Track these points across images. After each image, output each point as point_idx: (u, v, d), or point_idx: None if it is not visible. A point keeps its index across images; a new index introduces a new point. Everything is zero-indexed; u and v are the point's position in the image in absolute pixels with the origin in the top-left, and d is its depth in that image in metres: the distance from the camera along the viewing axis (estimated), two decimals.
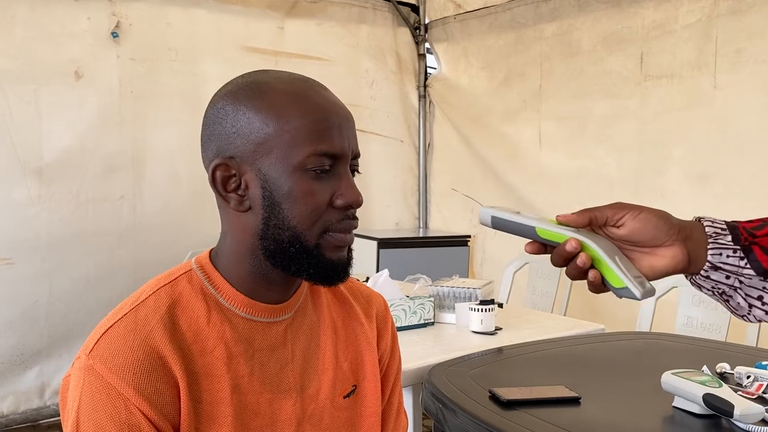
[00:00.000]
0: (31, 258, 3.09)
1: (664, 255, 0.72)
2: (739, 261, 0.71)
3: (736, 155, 2.77)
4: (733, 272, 0.71)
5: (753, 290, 0.72)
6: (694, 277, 0.74)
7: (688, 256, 0.72)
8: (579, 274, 0.71)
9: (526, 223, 0.72)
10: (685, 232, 0.72)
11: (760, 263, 0.70)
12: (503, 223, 0.73)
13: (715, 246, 0.71)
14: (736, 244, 0.71)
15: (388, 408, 1.01)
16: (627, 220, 0.72)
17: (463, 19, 4.04)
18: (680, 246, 0.72)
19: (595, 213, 0.72)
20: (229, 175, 0.80)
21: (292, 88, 0.80)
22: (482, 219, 0.75)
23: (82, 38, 3.16)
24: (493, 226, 0.74)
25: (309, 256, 0.80)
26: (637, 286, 0.69)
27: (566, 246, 0.70)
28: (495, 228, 0.74)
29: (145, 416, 0.74)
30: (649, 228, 0.71)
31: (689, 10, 2.91)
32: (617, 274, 0.69)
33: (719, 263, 0.71)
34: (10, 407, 3.14)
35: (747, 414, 1.17)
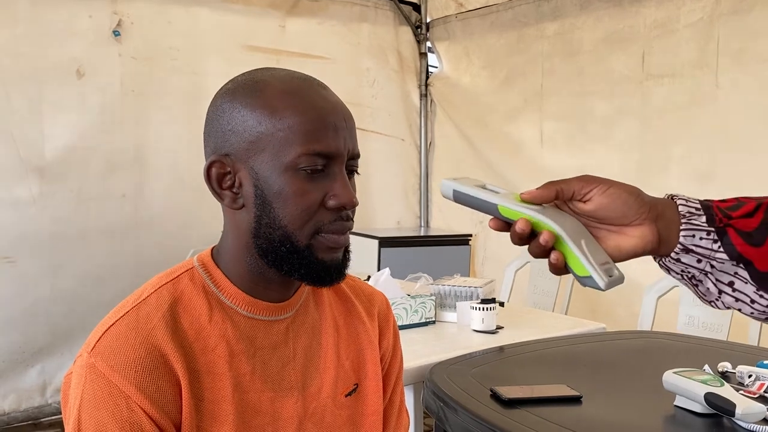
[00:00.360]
0: (33, 256, 3.09)
1: (633, 234, 0.66)
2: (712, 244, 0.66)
3: (738, 154, 2.77)
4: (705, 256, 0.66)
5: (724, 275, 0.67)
6: (664, 260, 0.68)
7: (658, 237, 0.66)
8: (541, 253, 0.65)
9: (489, 199, 0.67)
10: (656, 211, 0.67)
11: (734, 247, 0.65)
12: (465, 197, 0.68)
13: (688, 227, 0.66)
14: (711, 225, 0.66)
15: (390, 406, 1.01)
16: (594, 195, 0.66)
17: (465, 18, 4.04)
18: (650, 225, 0.66)
19: (561, 186, 0.67)
20: (224, 172, 0.80)
21: (289, 86, 0.80)
22: (444, 192, 0.69)
23: (84, 36, 3.16)
24: (455, 200, 0.68)
25: (300, 256, 0.79)
26: (602, 276, 0.63)
27: (516, 227, 0.65)
28: (457, 202, 0.68)
29: (147, 414, 0.74)
30: (617, 204, 0.66)
31: (691, 9, 2.90)
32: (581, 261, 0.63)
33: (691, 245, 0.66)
34: (12, 405, 3.15)
35: (749, 413, 1.17)
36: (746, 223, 0.66)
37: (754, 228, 0.65)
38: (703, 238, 0.66)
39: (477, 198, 0.67)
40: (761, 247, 0.65)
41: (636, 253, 0.67)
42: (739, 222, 0.66)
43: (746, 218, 0.66)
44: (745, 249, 0.65)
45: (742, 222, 0.66)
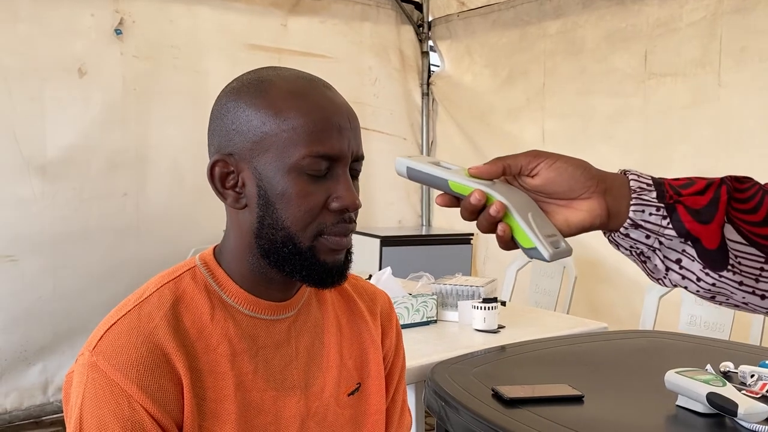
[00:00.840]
0: (35, 255, 3.09)
1: (581, 208, 0.66)
2: (661, 220, 0.65)
3: (740, 153, 2.76)
4: (654, 231, 0.66)
5: (672, 252, 0.67)
6: (613, 235, 0.68)
7: (607, 211, 0.66)
8: (489, 225, 0.65)
9: (439, 175, 0.68)
10: (605, 184, 0.66)
11: (682, 224, 0.65)
12: (418, 174, 0.69)
13: (638, 202, 0.66)
14: (661, 201, 0.66)
15: (392, 406, 1.01)
16: (541, 169, 0.66)
17: (467, 17, 4.03)
18: (599, 199, 0.66)
19: (508, 161, 0.67)
20: (228, 171, 0.80)
21: (294, 86, 0.79)
22: (398, 169, 0.70)
23: (86, 35, 3.16)
24: (409, 177, 0.69)
25: (302, 257, 0.79)
26: (547, 247, 0.63)
27: (470, 198, 0.65)
28: (411, 179, 0.69)
29: (148, 413, 0.74)
30: (564, 177, 0.66)
31: (694, 8, 2.90)
32: (526, 233, 0.64)
33: (641, 221, 0.66)
34: (14, 403, 3.15)
35: (751, 413, 1.17)
36: (696, 200, 0.66)
37: (703, 206, 0.65)
38: (653, 214, 0.66)
39: (428, 174, 0.69)
40: (709, 224, 0.65)
41: (584, 227, 0.67)
42: (689, 199, 0.66)
43: (696, 196, 0.66)
44: (693, 226, 0.65)
45: (692, 199, 0.66)
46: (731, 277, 0.67)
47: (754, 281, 0.67)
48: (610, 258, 3.15)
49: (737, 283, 0.67)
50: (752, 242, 0.66)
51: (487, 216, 0.65)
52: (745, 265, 0.66)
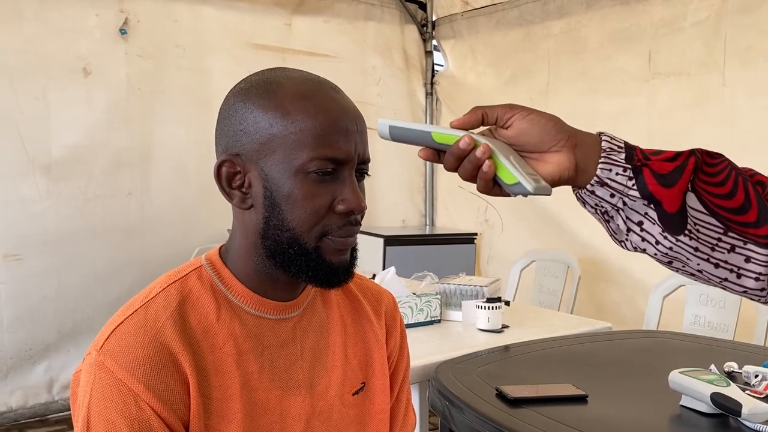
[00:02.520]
0: (40, 254, 3.10)
1: (551, 161, 0.69)
2: (627, 181, 0.68)
3: (745, 153, 2.73)
4: (619, 191, 0.69)
5: (635, 214, 0.70)
6: (580, 192, 0.71)
7: (575, 165, 0.69)
8: (473, 169, 0.68)
9: (422, 129, 0.71)
10: (575, 139, 0.70)
11: (646, 185, 0.68)
12: (400, 132, 0.71)
13: (606, 161, 0.69)
14: (628, 162, 0.69)
15: (397, 405, 1.01)
16: (515, 120, 0.69)
17: (471, 16, 4.03)
18: (568, 153, 0.69)
19: (486, 110, 0.70)
20: (234, 171, 0.80)
21: (302, 88, 0.79)
22: (380, 131, 0.73)
23: (91, 35, 3.17)
24: (391, 138, 0.72)
25: (308, 258, 0.80)
26: (529, 181, 0.66)
27: (460, 143, 0.68)
28: (394, 139, 0.72)
29: (155, 412, 0.74)
30: (536, 129, 0.69)
31: (698, 7, 2.89)
32: (509, 169, 0.67)
33: (606, 179, 0.69)
34: (19, 402, 3.16)
35: (755, 413, 1.17)
36: (663, 165, 0.69)
37: (668, 171, 0.69)
38: (619, 174, 0.69)
39: (412, 129, 0.71)
40: (671, 188, 0.68)
41: (553, 180, 0.70)
42: (656, 164, 0.69)
43: (664, 162, 0.69)
44: (656, 189, 0.68)
45: (659, 164, 0.69)
46: (687, 242, 0.70)
47: (709, 249, 0.71)
48: (614, 258, 3.15)
49: (693, 248, 0.70)
50: (713, 213, 0.70)
51: (472, 159, 0.68)
52: (702, 233, 0.70)
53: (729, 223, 0.69)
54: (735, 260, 0.70)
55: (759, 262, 0.70)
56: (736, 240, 0.70)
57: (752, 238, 0.69)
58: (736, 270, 0.71)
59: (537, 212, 3.59)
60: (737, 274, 0.71)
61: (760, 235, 0.69)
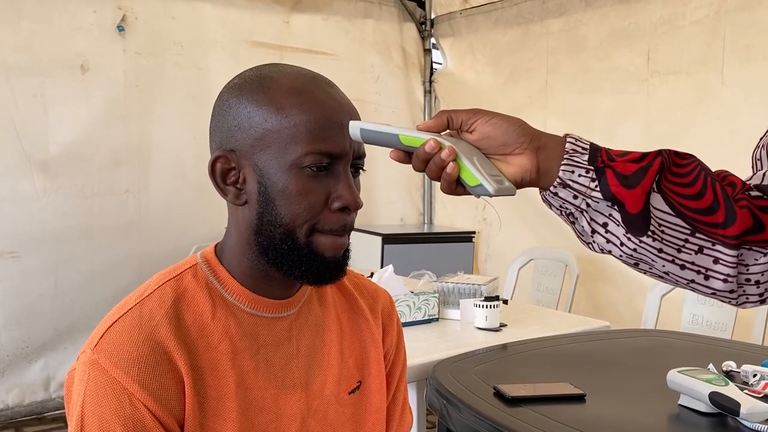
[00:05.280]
0: (37, 251, 3.10)
1: (513, 163, 0.70)
2: (590, 182, 0.68)
3: (744, 152, 2.73)
4: (582, 192, 0.69)
5: (599, 215, 0.70)
6: (544, 193, 0.72)
7: (537, 167, 0.70)
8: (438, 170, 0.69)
9: (390, 131, 0.72)
10: (538, 142, 0.71)
11: (608, 187, 0.68)
12: (371, 134, 0.73)
13: (568, 162, 0.69)
14: (591, 164, 0.69)
15: (393, 404, 1.01)
16: (479, 125, 0.71)
17: (469, 15, 4.03)
18: (530, 155, 0.70)
19: (451, 114, 0.72)
20: (229, 167, 0.80)
21: (296, 83, 0.79)
22: (352, 133, 0.74)
23: (88, 32, 3.16)
24: (363, 140, 0.74)
25: (300, 254, 0.79)
26: (492, 183, 0.68)
27: (425, 146, 0.69)
28: (365, 141, 0.74)
29: (150, 411, 0.74)
30: (498, 133, 0.70)
31: (697, 6, 2.89)
32: (472, 171, 0.68)
33: (569, 180, 0.69)
34: (16, 400, 3.16)
35: (753, 413, 1.17)
36: (626, 167, 0.69)
37: (631, 172, 0.68)
38: (582, 176, 0.69)
39: (380, 132, 0.73)
40: (634, 189, 0.68)
41: (516, 181, 0.71)
42: (619, 165, 0.69)
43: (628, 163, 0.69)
44: (618, 190, 0.68)
45: (622, 165, 0.69)
46: (651, 243, 0.70)
47: (675, 251, 0.70)
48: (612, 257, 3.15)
49: (656, 249, 0.70)
50: (679, 213, 0.69)
51: (437, 161, 0.69)
52: (668, 234, 0.69)
53: (696, 223, 0.69)
54: (703, 261, 0.70)
55: (727, 263, 0.69)
56: (704, 241, 0.69)
57: (720, 239, 0.69)
58: (704, 271, 0.70)
59: (535, 211, 3.59)
60: (705, 276, 0.70)
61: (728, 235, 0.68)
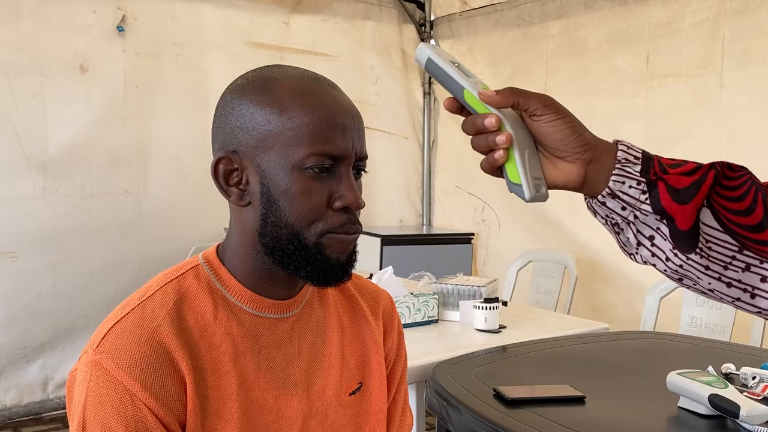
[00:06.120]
0: (36, 251, 3.09)
1: (559, 168, 0.69)
2: (640, 194, 0.66)
3: (742, 154, 2.76)
4: (631, 204, 0.67)
5: (646, 228, 0.67)
6: (591, 201, 0.70)
7: (583, 179, 0.68)
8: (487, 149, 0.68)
9: (457, 80, 0.68)
10: (592, 154, 0.68)
11: (659, 201, 0.65)
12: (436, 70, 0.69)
13: (619, 173, 0.66)
14: (643, 176, 0.66)
15: (394, 406, 1.01)
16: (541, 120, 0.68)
17: (469, 16, 4.03)
18: (580, 166, 0.68)
19: (520, 99, 0.68)
20: (232, 169, 0.80)
21: (300, 85, 0.79)
22: (417, 56, 0.70)
23: (88, 32, 3.16)
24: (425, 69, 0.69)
25: (307, 254, 0.79)
26: (530, 189, 0.66)
27: (484, 120, 0.67)
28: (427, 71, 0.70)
29: (152, 412, 0.74)
30: (556, 137, 0.68)
31: (696, 8, 2.89)
32: (518, 169, 0.66)
33: (619, 192, 0.67)
34: (14, 400, 3.15)
35: (753, 415, 1.17)
36: (679, 180, 0.66)
37: (684, 186, 0.66)
38: (633, 187, 0.67)
39: (448, 75, 0.69)
40: (686, 205, 0.66)
41: (556, 185, 0.69)
42: (672, 178, 0.66)
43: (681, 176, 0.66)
44: (669, 204, 0.66)
45: (675, 178, 0.66)
46: (698, 261, 0.67)
47: (722, 268, 0.67)
48: (611, 259, 3.15)
49: (703, 267, 0.68)
50: (728, 230, 0.66)
51: (490, 140, 0.67)
52: (715, 251, 0.67)
53: (745, 240, 0.66)
54: (750, 280, 0.67)
55: None
56: (751, 259, 0.66)
57: None
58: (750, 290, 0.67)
59: (534, 213, 3.59)
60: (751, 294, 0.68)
61: None
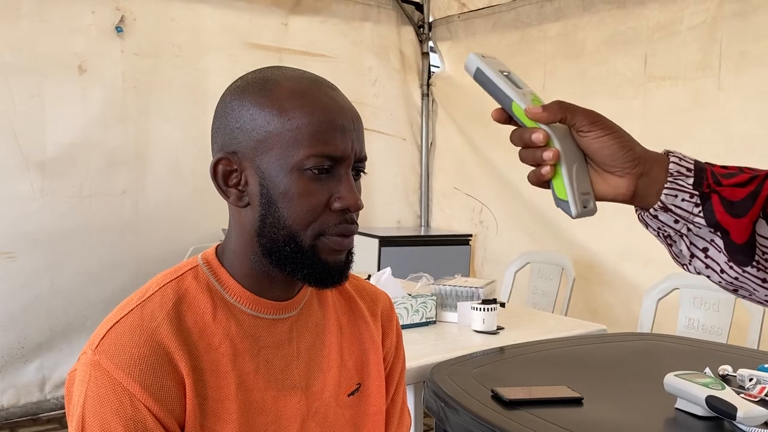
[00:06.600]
0: (33, 252, 3.09)
1: (609, 182, 0.68)
2: (693, 207, 0.65)
3: (740, 157, 2.76)
4: (684, 217, 0.65)
5: (700, 240, 0.66)
6: (643, 214, 0.68)
7: (633, 192, 0.67)
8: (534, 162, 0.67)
9: (506, 92, 0.68)
10: (642, 168, 0.67)
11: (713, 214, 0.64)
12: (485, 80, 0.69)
13: (672, 186, 0.65)
14: (696, 189, 0.65)
15: (392, 407, 1.01)
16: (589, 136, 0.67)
17: (467, 18, 4.04)
18: (630, 180, 0.67)
19: (567, 114, 0.67)
20: (231, 169, 0.80)
21: (299, 86, 0.79)
22: (467, 66, 0.70)
23: (87, 32, 3.16)
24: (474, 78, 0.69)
25: (304, 256, 0.79)
26: (577, 205, 0.65)
27: (532, 135, 0.66)
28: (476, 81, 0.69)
29: (151, 412, 0.74)
30: (605, 153, 0.67)
31: (694, 11, 2.90)
32: (565, 185, 0.65)
33: (671, 205, 0.66)
34: (11, 400, 3.15)
35: (750, 416, 1.18)
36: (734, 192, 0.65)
37: (739, 199, 0.65)
38: (685, 200, 0.65)
39: (496, 86, 0.69)
40: (741, 218, 0.64)
41: (605, 198, 0.68)
42: (726, 190, 0.65)
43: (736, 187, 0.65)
44: (724, 218, 0.65)
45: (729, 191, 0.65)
46: (755, 273, 0.66)
47: None
48: (609, 260, 3.16)
49: (760, 279, 0.66)
50: None
51: (537, 155, 0.67)
52: None
53: None
54: None
55: None
56: None
57: None
58: None
59: (532, 214, 3.59)
60: None
61: None
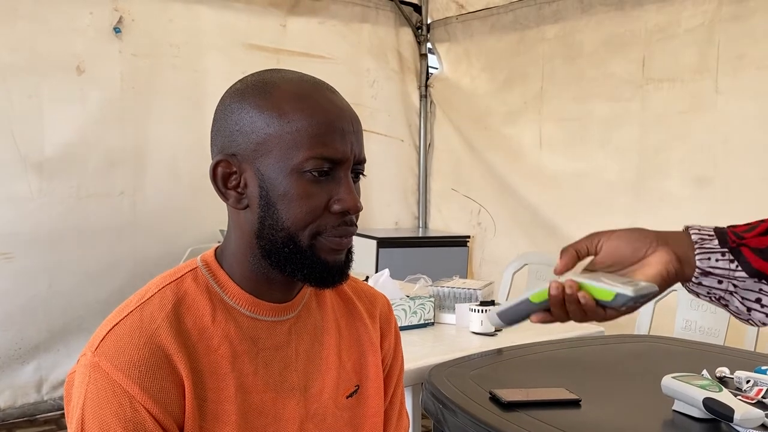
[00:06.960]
0: (31, 252, 3.08)
1: (652, 262, 0.71)
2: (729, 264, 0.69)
3: (737, 159, 2.78)
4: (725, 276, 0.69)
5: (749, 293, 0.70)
6: (688, 284, 0.72)
7: (676, 257, 0.71)
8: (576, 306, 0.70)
9: (521, 298, 0.75)
10: (665, 237, 0.72)
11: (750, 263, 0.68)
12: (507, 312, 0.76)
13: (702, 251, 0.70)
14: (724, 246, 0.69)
15: (390, 408, 1.01)
16: (603, 243, 0.73)
17: (465, 20, 4.04)
18: (665, 250, 0.71)
19: (575, 247, 0.73)
20: (230, 172, 0.81)
21: (299, 89, 0.80)
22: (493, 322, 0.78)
23: (85, 33, 3.15)
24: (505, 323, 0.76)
25: (303, 257, 0.80)
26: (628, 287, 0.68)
27: (551, 291, 0.71)
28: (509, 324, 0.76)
29: (150, 414, 0.74)
30: (625, 241, 0.72)
31: (692, 14, 2.91)
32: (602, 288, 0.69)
33: (708, 268, 0.69)
34: (8, 401, 3.14)
35: (747, 419, 1.18)
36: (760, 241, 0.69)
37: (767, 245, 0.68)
38: (720, 260, 0.69)
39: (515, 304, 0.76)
40: None
41: (663, 277, 0.70)
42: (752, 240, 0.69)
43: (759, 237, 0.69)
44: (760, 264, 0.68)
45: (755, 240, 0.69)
46: None
47: None
48: None
49: None
50: None
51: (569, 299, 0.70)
52: None
53: None
54: None
55: None
56: None
57: None
58: None
59: (530, 215, 3.60)
60: None
61: None
